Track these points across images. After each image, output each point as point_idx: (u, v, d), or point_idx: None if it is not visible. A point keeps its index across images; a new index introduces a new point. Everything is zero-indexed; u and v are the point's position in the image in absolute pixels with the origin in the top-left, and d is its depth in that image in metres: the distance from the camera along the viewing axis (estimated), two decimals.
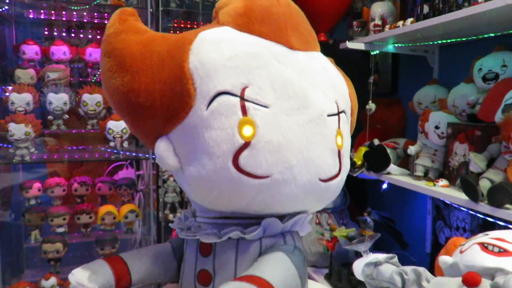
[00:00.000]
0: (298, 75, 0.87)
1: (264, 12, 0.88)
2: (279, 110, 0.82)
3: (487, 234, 0.76)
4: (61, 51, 2.24)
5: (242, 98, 0.79)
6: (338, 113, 0.92)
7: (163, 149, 0.82)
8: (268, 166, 0.79)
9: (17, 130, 1.94)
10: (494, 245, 0.71)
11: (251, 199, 0.82)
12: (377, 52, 2.05)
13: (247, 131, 0.78)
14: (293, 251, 0.83)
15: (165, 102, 0.79)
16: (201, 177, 0.80)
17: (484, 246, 0.71)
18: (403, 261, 2.08)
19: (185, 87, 0.78)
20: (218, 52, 0.81)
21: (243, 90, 0.79)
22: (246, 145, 0.78)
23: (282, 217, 0.89)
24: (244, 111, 0.79)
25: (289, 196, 0.84)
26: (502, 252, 0.69)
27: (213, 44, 0.82)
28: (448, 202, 1.86)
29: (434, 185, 1.60)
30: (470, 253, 0.72)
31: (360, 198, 2.63)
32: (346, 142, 0.94)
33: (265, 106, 0.80)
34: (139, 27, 0.86)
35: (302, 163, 0.82)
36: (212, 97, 0.79)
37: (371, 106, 2.04)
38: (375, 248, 2.30)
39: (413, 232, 2.20)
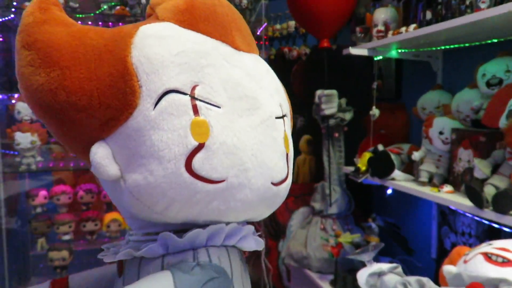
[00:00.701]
0: (246, 75, 0.82)
1: (208, 11, 0.82)
2: (232, 110, 0.76)
3: (490, 244, 0.76)
4: None
5: (193, 97, 0.72)
6: (283, 116, 0.87)
7: (101, 156, 0.71)
8: (223, 169, 0.73)
9: (23, 139, 1.96)
10: (497, 255, 0.70)
11: (204, 207, 0.75)
12: (381, 57, 2.05)
13: (202, 132, 0.72)
14: (191, 269, 0.72)
15: (104, 102, 0.70)
16: (148, 185, 0.71)
17: (487, 256, 0.71)
18: (409, 267, 2.08)
19: (129, 84, 0.70)
20: (164, 47, 0.74)
21: (193, 88, 0.73)
22: (200, 147, 0.71)
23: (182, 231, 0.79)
24: (195, 110, 0.72)
25: (243, 201, 0.78)
26: (506, 262, 0.69)
27: (159, 39, 0.75)
28: (453, 208, 1.85)
29: (439, 191, 1.60)
30: (474, 263, 0.72)
31: (365, 204, 2.63)
32: (291, 145, 0.91)
33: (217, 106, 0.75)
34: (64, 18, 0.74)
35: (256, 166, 0.77)
36: (160, 96, 0.71)
37: (375, 111, 2.04)
38: (380, 254, 2.30)
39: (418, 238, 2.19)
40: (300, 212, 2.59)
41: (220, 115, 0.75)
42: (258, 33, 2.64)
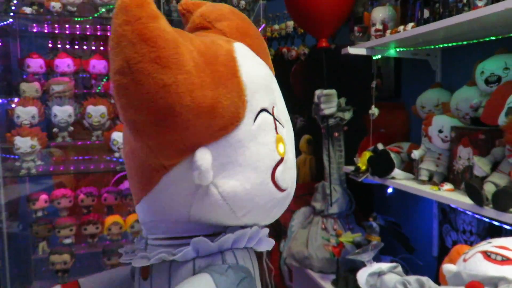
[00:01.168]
0: (281, 98, 0.94)
1: (259, 37, 0.92)
2: (286, 130, 0.90)
3: (490, 242, 0.76)
4: (65, 63, 2.26)
5: (274, 117, 0.85)
6: None
7: (208, 162, 0.73)
8: (288, 181, 0.86)
9: (22, 143, 1.96)
10: (496, 254, 0.70)
11: (269, 212, 0.87)
12: (379, 56, 2.05)
13: (281, 147, 0.84)
14: (225, 271, 0.78)
15: (221, 111, 0.73)
16: (244, 191, 0.79)
17: (487, 255, 0.71)
18: (411, 266, 2.08)
19: (241, 99, 0.77)
20: (257, 69, 0.84)
21: (273, 108, 0.85)
22: (281, 160, 0.84)
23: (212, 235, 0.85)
24: (276, 128, 0.84)
25: (285, 208, 0.91)
26: (505, 260, 0.69)
27: (251, 59, 0.84)
28: (453, 206, 1.85)
29: (439, 189, 1.60)
30: (473, 261, 0.72)
31: (366, 203, 2.63)
32: None
33: (283, 126, 0.88)
34: (163, 17, 0.70)
35: (294, 178, 0.91)
36: (258, 112, 0.81)
37: (374, 111, 2.04)
38: (382, 253, 2.30)
39: (419, 236, 2.19)
40: (301, 212, 2.59)
41: (285, 134, 0.89)
42: None
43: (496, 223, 1.62)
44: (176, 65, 0.67)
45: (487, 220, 1.68)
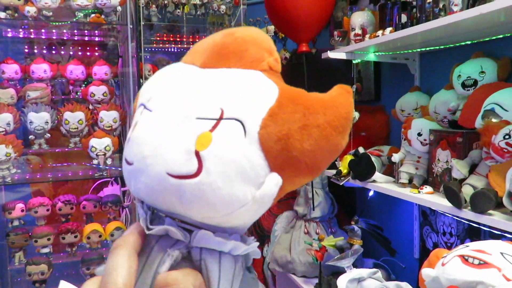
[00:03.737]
0: None
1: None
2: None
3: (467, 246, 0.76)
4: (41, 69, 2.21)
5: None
6: None
7: None
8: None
9: None
10: (474, 257, 0.71)
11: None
12: (359, 61, 2.06)
13: None
14: None
15: None
16: None
17: (464, 259, 0.71)
18: (393, 268, 2.09)
19: None
20: None
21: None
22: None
23: None
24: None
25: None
26: (483, 264, 0.69)
27: None
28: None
29: (419, 192, 1.61)
30: (451, 266, 0.72)
31: (349, 206, 2.64)
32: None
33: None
34: None
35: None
36: None
37: (355, 114, 2.05)
38: (364, 256, 2.31)
39: (401, 238, 2.21)
40: (284, 216, 2.58)
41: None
42: None
43: (475, 225, 1.64)
44: None
45: (466, 222, 1.70)
